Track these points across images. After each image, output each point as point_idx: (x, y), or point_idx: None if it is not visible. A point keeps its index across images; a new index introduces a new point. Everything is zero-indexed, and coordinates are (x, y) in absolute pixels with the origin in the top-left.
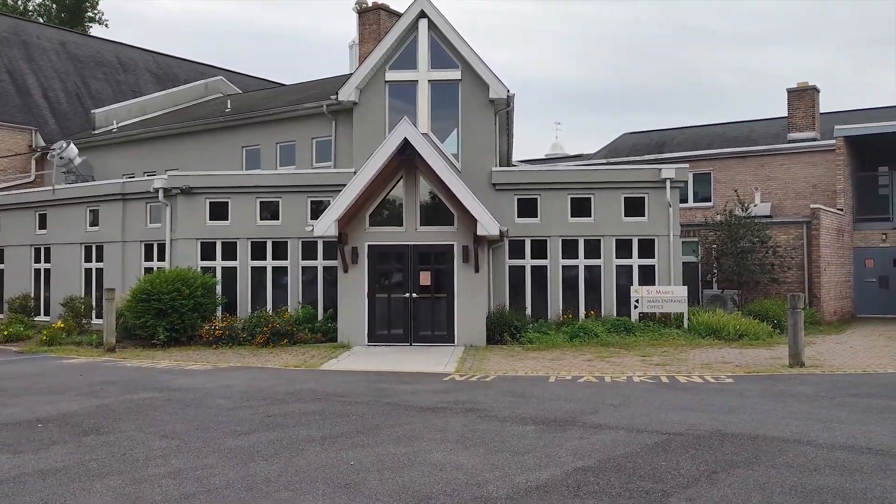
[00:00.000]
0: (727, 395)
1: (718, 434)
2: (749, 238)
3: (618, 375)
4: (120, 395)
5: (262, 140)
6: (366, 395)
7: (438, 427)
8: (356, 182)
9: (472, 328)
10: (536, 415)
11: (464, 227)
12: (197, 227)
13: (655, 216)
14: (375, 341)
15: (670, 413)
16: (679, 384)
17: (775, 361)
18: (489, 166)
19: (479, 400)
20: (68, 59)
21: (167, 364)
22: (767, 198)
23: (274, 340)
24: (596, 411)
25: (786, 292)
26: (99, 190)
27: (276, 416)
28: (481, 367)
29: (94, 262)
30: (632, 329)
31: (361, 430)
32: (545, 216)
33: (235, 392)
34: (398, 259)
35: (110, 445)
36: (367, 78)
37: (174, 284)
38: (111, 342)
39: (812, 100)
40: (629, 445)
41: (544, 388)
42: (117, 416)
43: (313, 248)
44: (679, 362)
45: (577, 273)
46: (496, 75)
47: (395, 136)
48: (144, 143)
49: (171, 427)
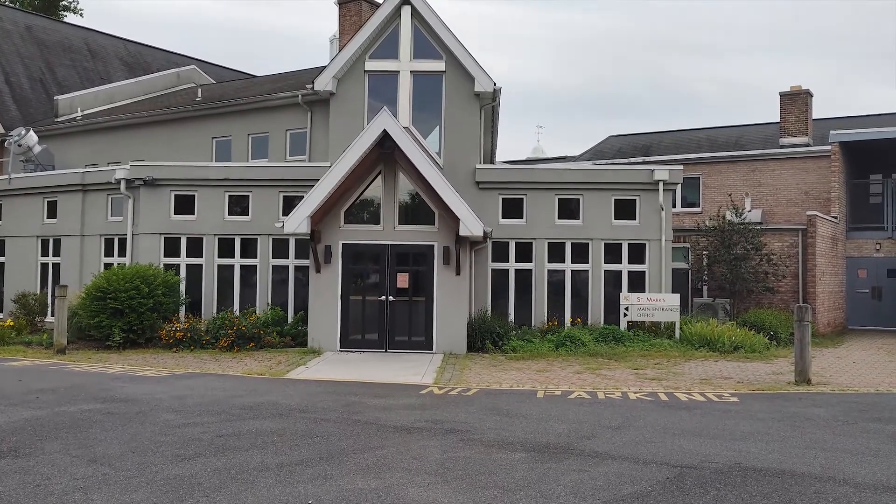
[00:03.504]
0: (735, 417)
1: (738, 468)
2: (743, 245)
3: (611, 391)
4: (56, 405)
5: (234, 131)
6: (334, 411)
7: (415, 453)
8: (331, 176)
9: (452, 335)
10: (526, 439)
11: (445, 226)
12: (160, 221)
13: (647, 220)
14: (348, 347)
15: (677, 439)
16: (680, 403)
17: (778, 377)
18: (473, 163)
19: (461, 419)
20: (33, 43)
21: (119, 369)
22: (758, 204)
23: (239, 344)
24: (593, 435)
25: (779, 302)
26: (57, 180)
27: (228, 436)
28: (462, 378)
29: (51, 257)
30: (621, 338)
31: (325, 456)
32: (531, 217)
33: (188, 405)
34: (374, 259)
35: (25, 473)
36: (345, 67)
37: (132, 282)
38: (62, 343)
39: (805, 104)
40: (637, 482)
41: (532, 406)
42: (45, 434)
43: (285, 246)
44: (675, 377)
45: (564, 278)
46: (482, 68)
47: (373, 127)
48: (109, 133)
49: (103, 449)
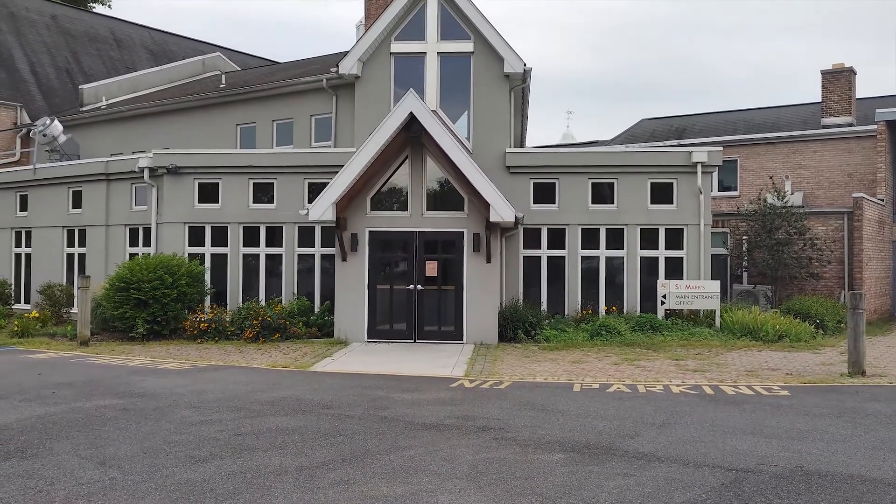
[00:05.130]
0: (789, 412)
1: (801, 472)
2: (785, 229)
3: (652, 384)
4: (72, 401)
5: (258, 117)
6: (359, 407)
7: (445, 454)
8: (357, 161)
9: (482, 324)
10: (564, 438)
11: (475, 212)
12: (184, 209)
13: (684, 204)
14: (376, 338)
15: (728, 438)
16: (727, 397)
17: (829, 369)
18: (503, 147)
19: (494, 415)
20: (59, 33)
21: (140, 361)
22: (798, 187)
23: (264, 335)
24: (636, 434)
25: (823, 288)
26: (81, 169)
27: (246, 435)
28: (494, 370)
29: (77, 247)
30: (658, 327)
31: (348, 457)
32: (564, 202)
33: (207, 400)
34: (402, 247)
35: (28, 476)
36: (370, 49)
37: (156, 272)
38: (85, 335)
39: (848, 82)
40: (690, 489)
41: (569, 400)
42: (56, 432)
43: (310, 234)
44: (718, 368)
45: (598, 265)
46: (512, 48)
47: (400, 110)
48: (134, 121)
49: (114, 450)
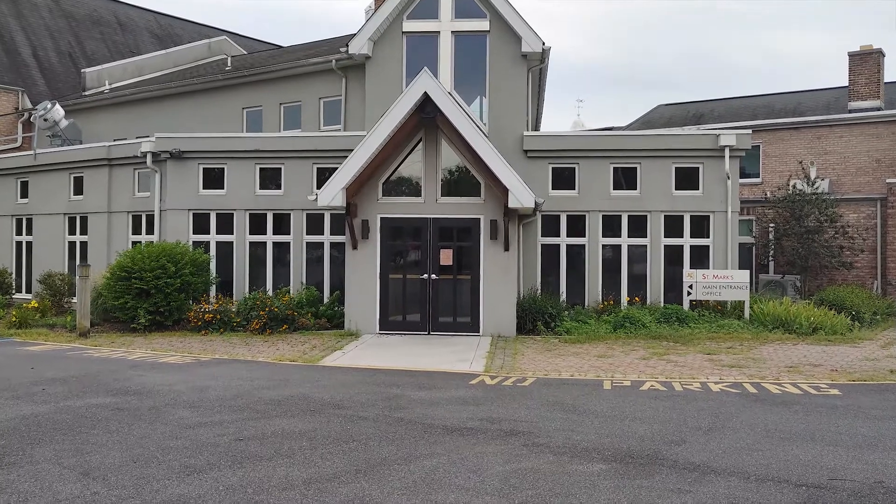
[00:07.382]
0: (846, 415)
1: (883, 489)
2: (815, 217)
3: (688, 381)
4: (63, 399)
5: (265, 101)
6: (373, 407)
7: (471, 464)
8: (367, 144)
9: (500, 315)
10: (602, 444)
11: (492, 198)
12: (189, 196)
13: (711, 189)
14: (388, 329)
15: (787, 446)
16: (772, 396)
17: (874, 364)
18: (520, 130)
19: (521, 417)
20: (62, 16)
21: (141, 354)
22: (824, 173)
23: (272, 326)
24: (682, 440)
25: (854, 278)
26: (83, 154)
27: (248, 439)
28: (515, 365)
29: (78, 235)
30: (685, 319)
31: (363, 467)
32: (584, 188)
33: (208, 398)
34: (415, 234)
35: (1, 490)
36: (381, 28)
37: (158, 261)
38: (85, 326)
39: (877, 65)
40: None
41: (601, 400)
42: (39, 437)
43: (319, 221)
44: (755, 363)
45: (620, 254)
46: (530, 26)
47: (413, 90)
48: (138, 105)
49: (100, 458)
